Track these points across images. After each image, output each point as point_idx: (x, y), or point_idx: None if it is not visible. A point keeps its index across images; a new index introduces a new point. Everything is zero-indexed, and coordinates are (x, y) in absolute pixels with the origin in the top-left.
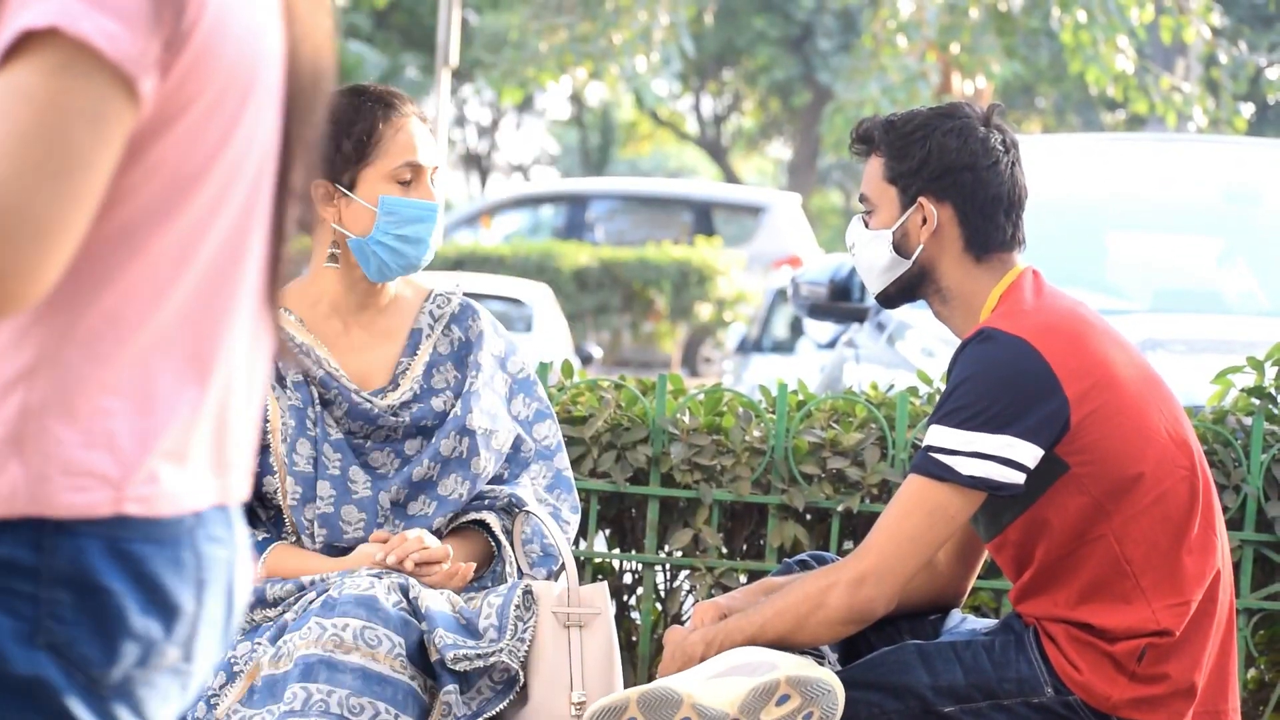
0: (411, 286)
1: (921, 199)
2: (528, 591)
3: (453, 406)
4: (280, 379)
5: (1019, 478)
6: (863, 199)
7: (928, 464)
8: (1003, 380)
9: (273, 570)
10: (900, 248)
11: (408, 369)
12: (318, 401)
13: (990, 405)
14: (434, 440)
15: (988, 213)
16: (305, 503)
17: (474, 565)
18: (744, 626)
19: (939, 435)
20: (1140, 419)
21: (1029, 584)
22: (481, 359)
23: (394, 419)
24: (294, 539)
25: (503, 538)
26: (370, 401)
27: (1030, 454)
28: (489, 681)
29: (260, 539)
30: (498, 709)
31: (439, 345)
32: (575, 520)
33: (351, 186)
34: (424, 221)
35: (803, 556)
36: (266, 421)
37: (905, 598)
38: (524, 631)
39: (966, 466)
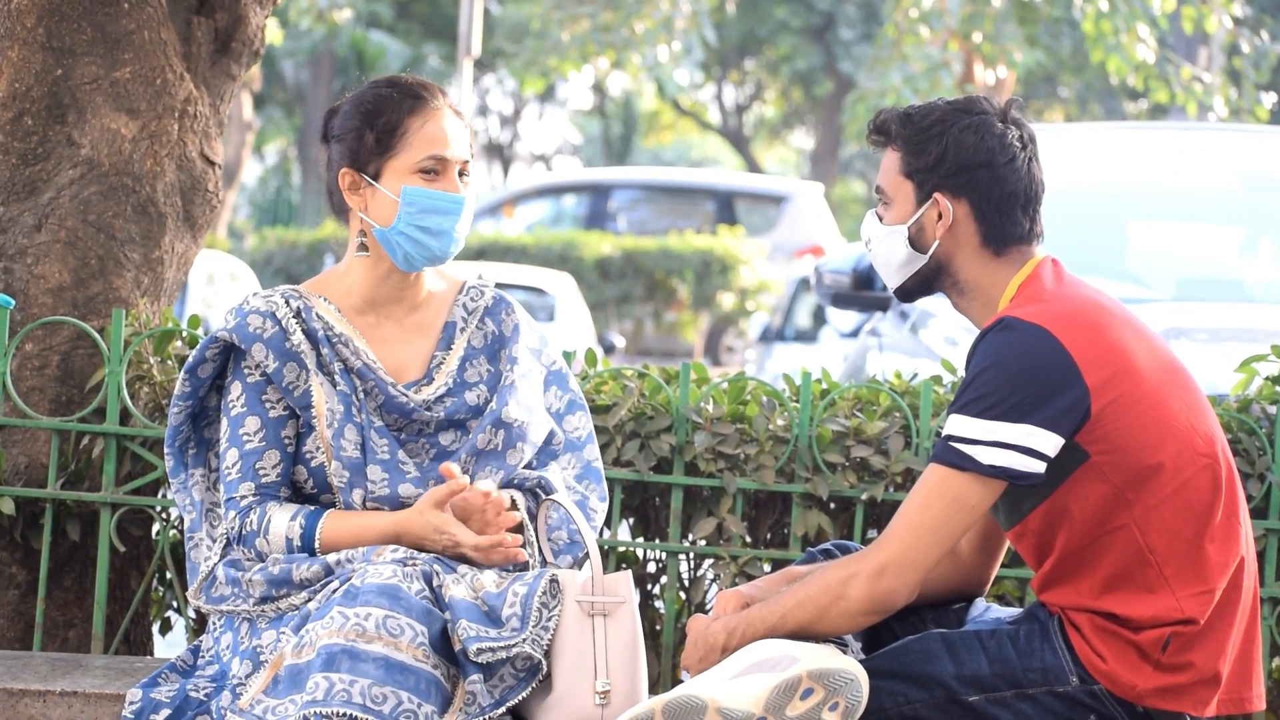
0: (445, 279)
1: (937, 195)
2: (554, 580)
3: (486, 400)
4: (324, 367)
5: (1039, 467)
6: (878, 191)
7: (948, 453)
8: (1023, 370)
9: (329, 537)
10: (916, 243)
11: (442, 363)
12: (360, 391)
13: (1011, 394)
14: (471, 434)
15: (1004, 209)
16: (353, 487)
17: (520, 544)
18: (765, 616)
19: (959, 425)
20: (1160, 408)
21: (1051, 573)
22: (518, 353)
23: (427, 413)
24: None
25: (526, 519)
26: (405, 395)
27: (1051, 443)
28: (511, 669)
29: (315, 509)
30: (520, 697)
31: (473, 339)
32: (602, 510)
33: (377, 177)
34: (446, 214)
35: (826, 546)
36: (311, 408)
37: (928, 587)
38: (548, 620)
39: (987, 456)
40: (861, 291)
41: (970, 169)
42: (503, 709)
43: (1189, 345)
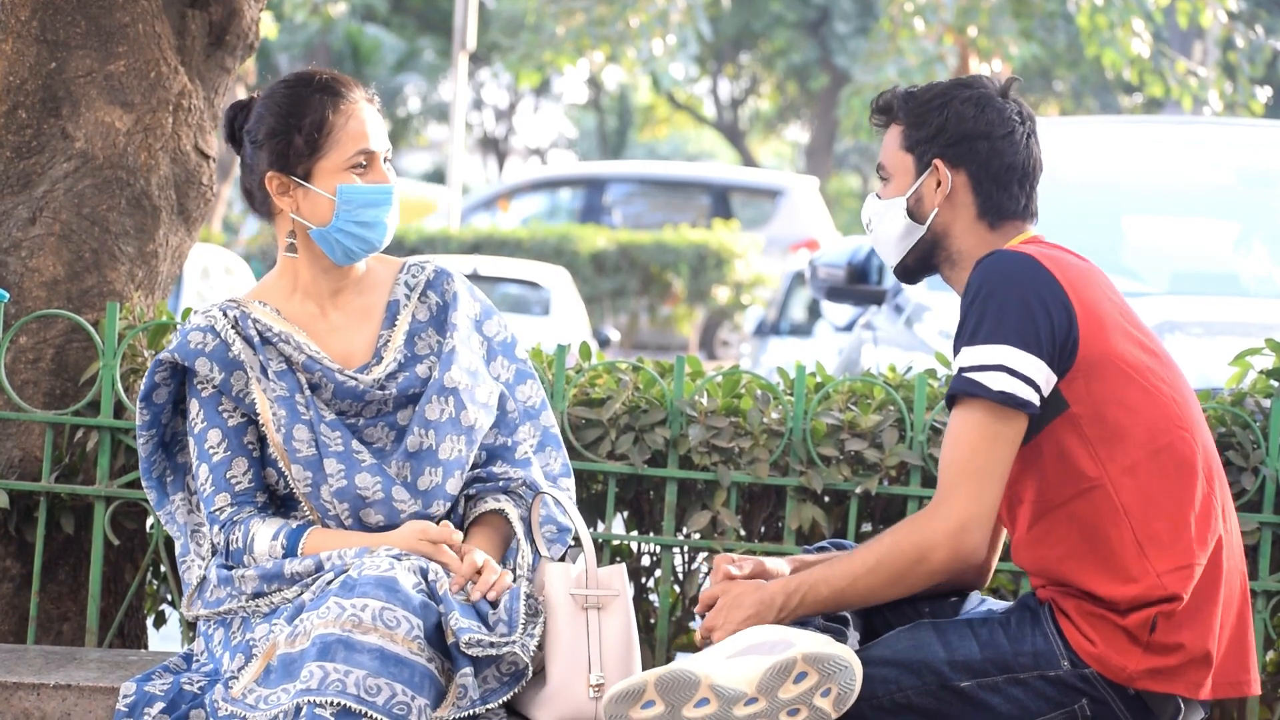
0: (384, 262)
1: (937, 162)
2: (530, 596)
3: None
4: (264, 370)
5: (1035, 397)
6: (880, 169)
7: (960, 384)
8: (1016, 290)
9: (311, 554)
10: (914, 213)
11: (389, 341)
12: (306, 387)
13: (1004, 315)
14: (419, 407)
15: (1002, 181)
16: (318, 486)
17: (510, 574)
18: (830, 580)
19: (966, 356)
20: (1134, 370)
21: (1027, 533)
22: (456, 319)
23: (381, 392)
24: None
25: (519, 528)
26: (355, 378)
27: (1044, 375)
28: (496, 672)
29: (296, 526)
30: (500, 701)
31: (417, 313)
32: (570, 483)
33: (307, 177)
34: (381, 206)
35: (823, 544)
36: (258, 414)
37: None
38: (533, 629)
39: (995, 381)
40: (856, 285)
41: (970, 139)
42: (485, 707)
43: (1183, 339)
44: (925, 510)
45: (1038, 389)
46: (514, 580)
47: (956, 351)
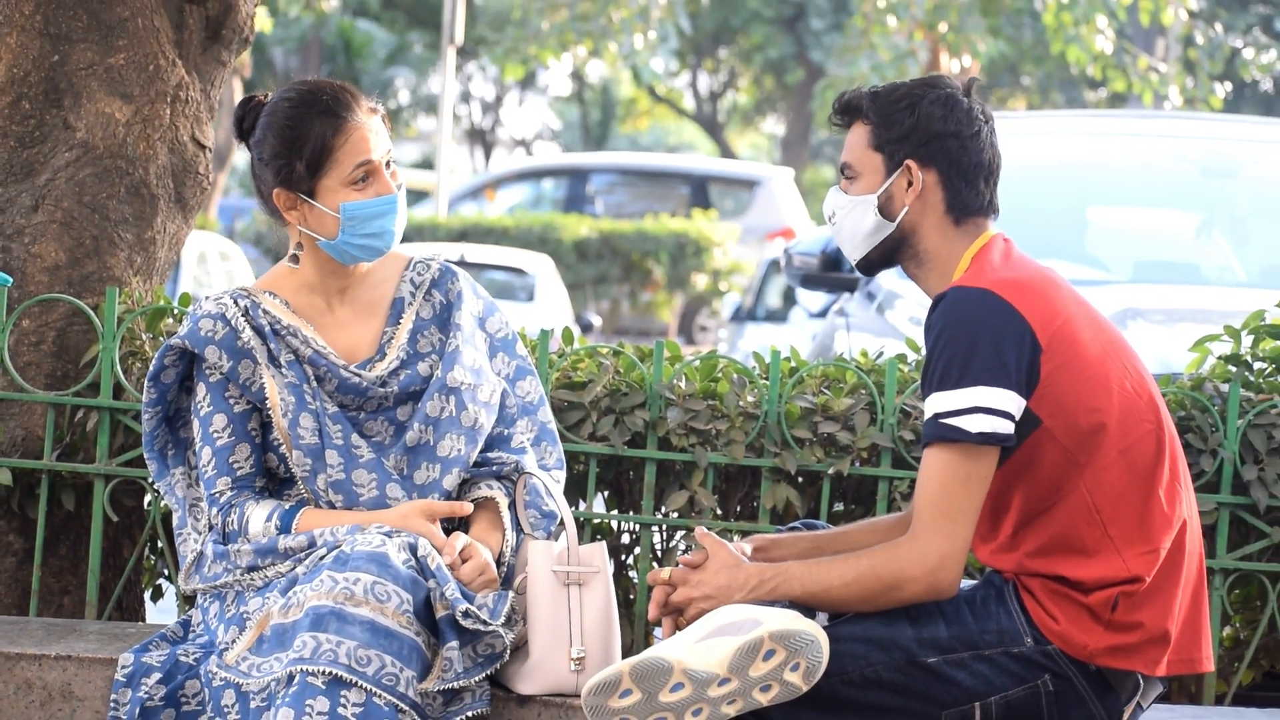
0: (390, 257)
1: (909, 162)
2: (513, 606)
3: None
4: (274, 359)
5: (1011, 428)
6: (845, 168)
7: (938, 430)
8: (980, 331)
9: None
10: (885, 210)
11: (393, 338)
12: (312, 379)
13: (972, 356)
14: (420, 403)
15: (970, 178)
16: (316, 474)
17: (495, 576)
18: (805, 581)
19: (940, 401)
20: (1104, 374)
21: (1007, 538)
22: (461, 319)
23: (382, 389)
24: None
25: (508, 518)
26: (358, 375)
27: (1016, 404)
28: (471, 652)
29: (290, 506)
30: (473, 680)
31: (421, 311)
32: (562, 475)
33: (311, 194)
34: (386, 215)
35: (794, 525)
36: (266, 400)
37: None
38: (513, 625)
39: (974, 424)
40: (830, 273)
41: (940, 138)
42: (465, 681)
43: (1146, 325)
44: (904, 540)
45: (1012, 418)
46: (500, 570)
47: (926, 395)
